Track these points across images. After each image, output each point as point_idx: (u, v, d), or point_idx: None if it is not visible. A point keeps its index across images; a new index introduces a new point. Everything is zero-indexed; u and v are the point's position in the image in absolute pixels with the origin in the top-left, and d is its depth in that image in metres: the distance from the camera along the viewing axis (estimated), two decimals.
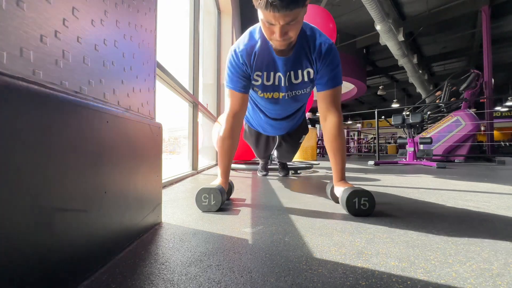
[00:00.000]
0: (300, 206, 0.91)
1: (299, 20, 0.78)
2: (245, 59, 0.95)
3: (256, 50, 0.95)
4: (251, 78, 1.00)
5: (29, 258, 0.29)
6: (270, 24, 0.77)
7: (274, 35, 0.80)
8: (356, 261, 0.46)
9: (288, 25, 0.77)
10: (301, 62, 0.96)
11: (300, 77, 0.99)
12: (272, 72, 0.99)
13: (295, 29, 0.80)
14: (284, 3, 0.69)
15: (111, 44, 0.50)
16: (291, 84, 1.01)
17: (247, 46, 0.95)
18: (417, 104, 5.96)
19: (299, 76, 0.99)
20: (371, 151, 9.75)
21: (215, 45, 3.84)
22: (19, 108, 0.28)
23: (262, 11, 0.74)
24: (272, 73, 0.99)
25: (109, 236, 0.45)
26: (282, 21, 0.74)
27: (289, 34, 0.80)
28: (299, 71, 0.98)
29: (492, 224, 0.69)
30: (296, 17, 0.75)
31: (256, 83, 1.01)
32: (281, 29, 0.77)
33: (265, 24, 0.80)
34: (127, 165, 0.52)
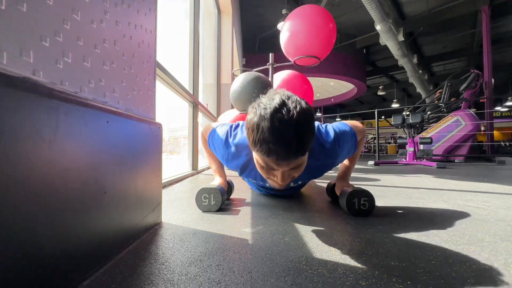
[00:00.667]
0: (300, 206, 0.90)
1: (305, 161, 0.64)
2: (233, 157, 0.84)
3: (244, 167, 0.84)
4: None
5: (29, 258, 0.29)
6: (269, 168, 0.63)
7: (274, 178, 0.65)
8: (356, 261, 0.46)
9: (292, 169, 0.63)
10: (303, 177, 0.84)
11: (300, 182, 0.92)
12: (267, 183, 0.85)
13: (300, 171, 0.65)
14: (291, 154, 0.56)
15: (111, 44, 0.50)
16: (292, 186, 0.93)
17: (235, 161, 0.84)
18: (417, 104, 5.96)
19: (299, 182, 0.91)
20: (371, 151, 9.75)
21: (215, 45, 3.84)
22: (19, 108, 0.28)
23: (260, 156, 0.60)
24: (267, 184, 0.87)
25: (109, 236, 0.45)
26: (286, 167, 0.60)
27: (292, 175, 0.65)
28: (299, 182, 0.90)
29: (492, 224, 0.69)
30: (300, 163, 0.62)
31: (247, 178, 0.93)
32: (283, 174, 0.62)
33: (262, 167, 0.64)
34: (127, 165, 0.52)
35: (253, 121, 0.57)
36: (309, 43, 1.76)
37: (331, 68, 7.72)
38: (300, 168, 0.64)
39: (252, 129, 0.57)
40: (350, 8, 6.47)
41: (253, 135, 0.57)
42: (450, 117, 4.71)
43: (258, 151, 0.58)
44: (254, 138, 0.57)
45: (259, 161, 0.63)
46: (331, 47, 1.82)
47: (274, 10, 6.10)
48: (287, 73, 2.06)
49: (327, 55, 1.84)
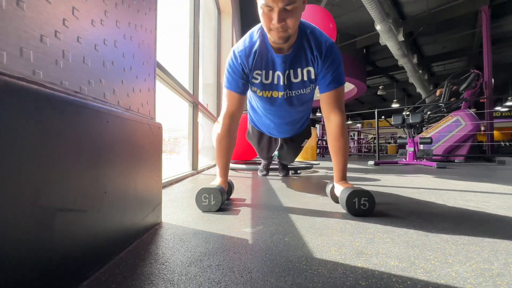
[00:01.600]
0: (300, 206, 0.91)
1: (297, 8, 0.79)
2: (243, 60, 0.96)
3: (255, 49, 0.95)
4: (249, 79, 1.01)
5: (29, 258, 0.29)
6: (268, 8, 0.79)
7: (272, 22, 0.80)
8: (356, 261, 0.46)
9: (286, 10, 0.78)
10: (300, 60, 0.96)
11: (299, 76, 0.99)
12: (270, 70, 0.98)
13: (293, 18, 0.80)
14: None
15: (111, 44, 0.50)
16: (290, 83, 1.01)
17: (246, 47, 0.96)
18: (417, 104, 5.96)
19: (299, 75, 0.99)
20: (371, 151, 9.75)
21: (215, 45, 3.84)
22: (19, 108, 0.28)
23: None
24: (270, 72, 0.99)
25: (109, 236, 0.45)
26: (280, 3, 0.76)
27: (287, 22, 0.80)
28: (298, 70, 0.97)
29: (492, 224, 0.69)
30: (293, 0, 0.76)
31: (255, 81, 1.01)
32: (279, 13, 0.78)
33: (263, 11, 0.81)
34: (127, 165, 0.52)
35: None
36: None
37: None
38: (293, 13, 0.80)
39: None
40: (350, 8, 6.47)
41: None
42: (450, 117, 4.71)
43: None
44: None
45: (262, 6, 0.79)
46: None
47: None
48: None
49: None
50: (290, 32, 0.85)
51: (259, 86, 1.03)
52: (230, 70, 0.99)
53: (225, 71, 1.01)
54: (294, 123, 1.33)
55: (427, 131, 4.88)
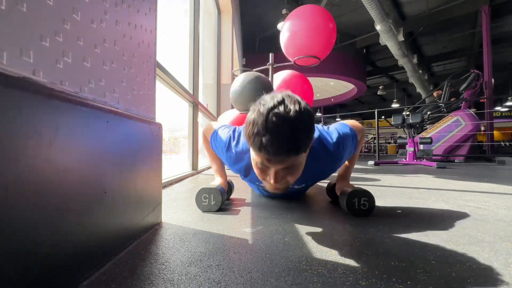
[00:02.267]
0: (300, 206, 0.90)
1: (300, 164, 0.63)
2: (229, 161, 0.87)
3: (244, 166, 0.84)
4: None
5: (29, 258, 0.29)
6: (263, 166, 0.62)
7: (267, 179, 0.64)
8: (356, 261, 0.46)
9: (286, 169, 0.61)
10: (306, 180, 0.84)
11: (303, 185, 0.91)
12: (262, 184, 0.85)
13: (295, 175, 0.64)
14: (282, 150, 0.55)
15: (111, 44, 0.50)
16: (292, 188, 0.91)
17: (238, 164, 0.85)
18: (417, 104, 5.96)
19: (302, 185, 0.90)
20: (371, 151, 9.75)
21: (215, 45, 3.84)
22: (19, 108, 0.28)
23: (253, 151, 0.60)
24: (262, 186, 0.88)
25: (109, 236, 0.45)
26: (279, 166, 0.60)
27: (286, 179, 0.64)
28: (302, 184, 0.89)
29: (492, 224, 0.69)
30: (294, 163, 0.60)
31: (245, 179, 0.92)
32: (276, 174, 0.61)
33: (256, 165, 0.63)
34: (127, 165, 0.52)
35: (251, 116, 0.58)
36: (309, 43, 1.76)
37: (331, 68, 7.72)
38: (294, 171, 0.63)
39: (248, 124, 0.58)
40: (350, 8, 6.47)
41: (249, 129, 0.58)
42: (450, 117, 4.71)
43: (252, 146, 0.58)
44: (249, 132, 0.57)
45: (254, 159, 0.63)
46: (331, 47, 1.82)
47: (274, 10, 6.10)
48: (287, 73, 2.07)
49: (327, 55, 1.84)
50: (289, 185, 0.68)
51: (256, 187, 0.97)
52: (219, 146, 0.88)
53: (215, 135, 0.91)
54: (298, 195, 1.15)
55: (427, 131, 4.88)
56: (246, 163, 0.82)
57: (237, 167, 0.86)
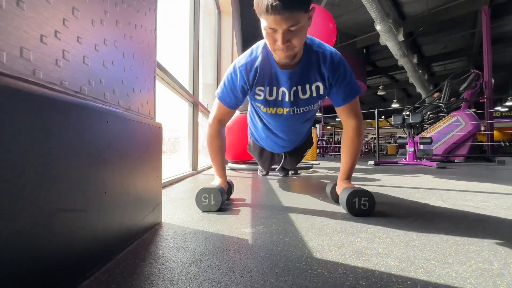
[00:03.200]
0: (300, 206, 0.91)
1: (303, 27, 0.74)
2: (243, 75, 0.92)
3: (257, 65, 0.91)
4: (248, 95, 0.99)
5: (29, 258, 0.29)
6: (272, 30, 0.74)
7: (277, 43, 0.76)
8: (356, 261, 0.46)
9: (291, 31, 0.73)
10: (309, 76, 0.92)
11: (308, 92, 0.95)
12: (275, 87, 0.95)
13: (299, 37, 0.75)
14: (286, 4, 0.67)
15: (111, 44, 0.50)
16: (298, 99, 0.97)
17: (248, 61, 0.92)
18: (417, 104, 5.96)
19: (307, 91, 0.95)
20: (371, 151, 9.75)
21: (215, 45, 3.84)
22: (19, 108, 0.28)
23: (263, 16, 0.72)
24: (275, 88, 0.95)
25: (109, 236, 0.45)
26: (284, 24, 0.71)
27: (292, 42, 0.76)
28: (306, 86, 0.94)
29: (492, 224, 0.69)
30: (298, 21, 0.71)
31: (258, 98, 0.98)
32: (283, 34, 0.73)
33: (267, 32, 0.76)
34: (127, 165, 0.52)
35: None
36: None
37: None
38: (299, 33, 0.74)
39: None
40: (350, 8, 6.47)
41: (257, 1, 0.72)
42: (450, 117, 4.71)
43: (262, 11, 0.70)
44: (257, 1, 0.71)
45: (264, 26, 0.75)
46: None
47: None
48: None
49: None
50: (296, 51, 0.81)
51: (263, 102, 1.00)
52: (227, 83, 0.95)
53: (222, 82, 0.97)
54: (298, 137, 1.30)
55: (427, 131, 4.88)
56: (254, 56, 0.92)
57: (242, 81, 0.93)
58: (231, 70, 0.95)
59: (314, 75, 0.91)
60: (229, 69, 0.96)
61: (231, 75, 0.94)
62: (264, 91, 0.96)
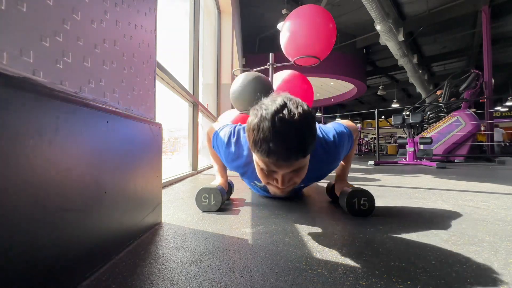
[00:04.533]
0: (300, 206, 0.90)
1: (306, 165, 0.63)
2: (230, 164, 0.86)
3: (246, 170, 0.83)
4: None
5: (29, 258, 0.29)
6: (269, 170, 0.61)
7: (273, 182, 0.64)
8: (356, 261, 0.46)
9: (293, 172, 0.62)
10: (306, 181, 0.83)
11: (302, 185, 0.90)
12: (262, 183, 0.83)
13: (301, 176, 0.64)
14: (291, 155, 0.55)
15: (111, 44, 0.50)
16: None
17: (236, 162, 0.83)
18: (417, 104, 5.96)
19: (301, 185, 0.89)
20: (371, 151, 9.75)
21: (215, 45, 3.84)
22: (19, 108, 0.28)
23: (259, 156, 0.58)
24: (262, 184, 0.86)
25: (109, 236, 0.45)
26: (286, 169, 0.59)
27: (293, 180, 0.64)
28: (301, 184, 0.88)
29: (491, 224, 0.69)
30: (300, 165, 0.60)
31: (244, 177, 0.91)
32: (283, 177, 0.61)
33: (261, 170, 0.63)
34: (127, 165, 0.52)
35: (254, 121, 0.57)
36: (309, 43, 1.76)
37: (331, 68, 7.72)
38: (301, 173, 0.63)
39: (253, 130, 0.57)
40: (350, 8, 6.47)
41: (254, 135, 0.56)
42: (450, 117, 4.71)
43: (259, 152, 0.57)
44: (254, 138, 0.56)
45: (259, 163, 0.62)
46: (331, 47, 1.82)
47: (274, 10, 6.10)
48: (287, 73, 2.06)
49: (327, 55, 1.84)
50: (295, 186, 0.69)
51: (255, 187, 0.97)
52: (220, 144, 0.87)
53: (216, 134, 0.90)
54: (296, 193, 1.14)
55: (427, 131, 4.88)
56: (244, 161, 0.81)
57: (235, 164, 0.85)
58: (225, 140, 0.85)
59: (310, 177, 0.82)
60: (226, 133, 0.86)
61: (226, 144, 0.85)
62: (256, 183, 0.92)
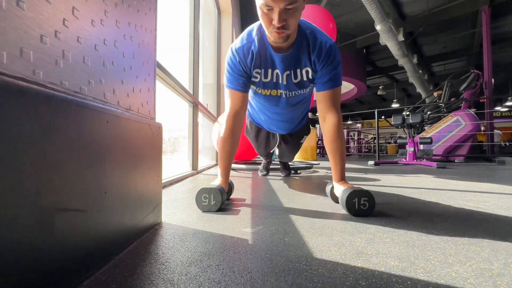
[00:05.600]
0: (300, 206, 0.91)
1: (298, 7, 0.78)
2: (241, 58, 0.95)
3: (253, 47, 0.94)
4: (250, 76, 1.00)
5: (29, 258, 0.29)
6: (268, 8, 0.77)
7: (272, 23, 0.79)
8: (356, 261, 0.46)
9: (287, 10, 0.77)
10: (299, 60, 0.95)
11: (299, 77, 0.99)
12: (270, 69, 0.98)
13: (294, 18, 0.80)
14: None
15: (111, 44, 0.50)
16: (290, 83, 1.00)
17: (244, 44, 0.95)
18: (417, 104, 5.95)
19: (298, 76, 0.99)
20: (371, 151, 9.75)
21: (215, 45, 3.84)
22: (19, 108, 0.28)
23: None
24: (270, 70, 0.98)
25: (109, 236, 0.45)
26: (281, 3, 0.74)
27: (288, 22, 0.79)
28: (298, 70, 0.97)
29: (492, 224, 0.69)
30: (295, 1, 0.75)
31: (255, 80, 1.01)
32: (279, 13, 0.76)
33: (263, 11, 0.79)
34: (127, 165, 0.52)
35: None
36: None
37: None
38: (294, 13, 0.78)
39: None
40: (350, 8, 6.46)
41: None
42: (450, 117, 4.71)
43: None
44: None
45: (261, 5, 0.78)
46: None
47: None
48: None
49: None
50: (290, 32, 0.84)
51: (260, 85, 1.04)
52: (230, 68, 0.98)
53: (225, 71, 1.00)
54: (293, 121, 1.34)
55: (427, 131, 4.88)
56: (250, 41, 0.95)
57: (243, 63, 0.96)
58: (230, 54, 0.97)
59: (304, 60, 0.95)
60: (228, 54, 0.99)
61: (231, 58, 0.97)
62: (260, 73, 0.99)
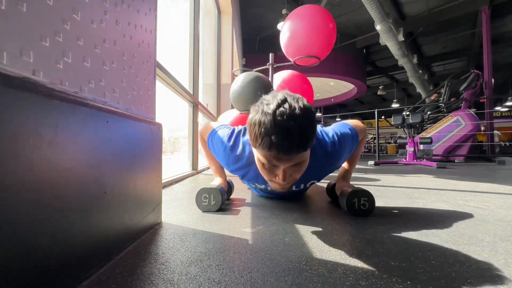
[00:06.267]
0: (300, 206, 0.90)
1: (306, 159, 0.65)
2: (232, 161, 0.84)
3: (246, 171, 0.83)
4: None
5: (29, 258, 0.29)
6: (271, 165, 0.63)
7: (276, 178, 0.66)
8: (356, 261, 0.46)
9: (293, 167, 0.63)
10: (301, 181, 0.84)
11: (302, 186, 0.89)
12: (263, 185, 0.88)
13: (301, 171, 0.66)
14: (293, 147, 0.56)
15: (111, 44, 0.50)
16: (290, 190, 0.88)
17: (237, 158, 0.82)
18: (417, 104, 5.95)
19: (301, 186, 0.89)
20: (371, 151, 9.75)
21: (215, 45, 3.84)
22: (19, 108, 0.28)
23: (261, 151, 0.60)
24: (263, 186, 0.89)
25: (109, 236, 0.45)
26: (288, 163, 0.61)
27: (294, 176, 0.65)
28: (301, 185, 0.87)
29: (492, 224, 0.69)
30: (302, 159, 0.62)
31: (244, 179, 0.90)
32: (285, 172, 0.62)
33: (263, 166, 0.64)
34: (127, 165, 0.52)
35: (255, 117, 0.58)
36: (309, 43, 1.76)
37: (331, 68, 7.72)
38: (301, 167, 0.65)
39: (254, 125, 0.58)
40: (350, 8, 6.46)
41: (255, 130, 0.57)
42: (450, 117, 4.71)
43: (260, 146, 0.58)
44: (256, 133, 0.57)
45: (260, 159, 0.63)
46: (331, 47, 1.82)
47: (274, 10, 6.09)
48: (287, 73, 2.06)
49: (327, 55, 1.83)
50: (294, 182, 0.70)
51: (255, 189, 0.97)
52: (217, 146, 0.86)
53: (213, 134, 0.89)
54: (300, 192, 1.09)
55: (427, 131, 4.88)
56: (245, 162, 0.81)
57: (235, 166, 0.85)
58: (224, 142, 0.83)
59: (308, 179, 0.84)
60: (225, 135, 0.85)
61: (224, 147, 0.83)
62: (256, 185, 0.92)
